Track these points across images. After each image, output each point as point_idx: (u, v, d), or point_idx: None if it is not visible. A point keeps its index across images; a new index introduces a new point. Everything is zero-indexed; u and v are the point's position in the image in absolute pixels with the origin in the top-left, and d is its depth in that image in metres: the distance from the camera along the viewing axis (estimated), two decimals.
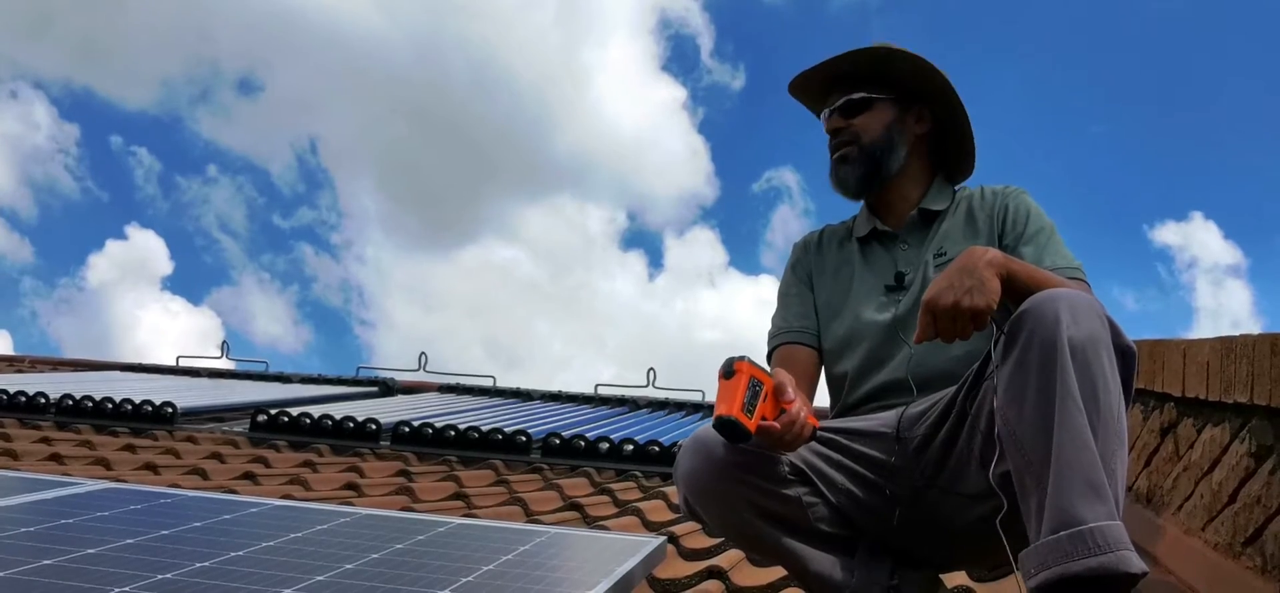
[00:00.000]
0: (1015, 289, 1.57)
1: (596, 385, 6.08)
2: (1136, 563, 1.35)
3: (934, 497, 1.72)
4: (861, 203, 2.04)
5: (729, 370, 1.55)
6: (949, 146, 2.01)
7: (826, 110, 1.99)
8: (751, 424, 1.54)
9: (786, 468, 1.70)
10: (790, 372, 1.79)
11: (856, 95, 1.95)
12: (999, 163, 2.07)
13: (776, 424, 1.57)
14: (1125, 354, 1.49)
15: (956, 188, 2.01)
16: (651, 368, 5.95)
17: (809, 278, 2.03)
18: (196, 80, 18.53)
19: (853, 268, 1.98)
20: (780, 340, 1.99)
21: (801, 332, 1.98)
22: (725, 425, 1.55)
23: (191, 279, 17.60)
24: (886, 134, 1.94)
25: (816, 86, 2.01)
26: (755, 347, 2.20)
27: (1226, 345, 1.86)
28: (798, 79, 2.01)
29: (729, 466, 1.67)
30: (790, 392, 1.60)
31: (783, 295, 2.06)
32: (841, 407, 1.93)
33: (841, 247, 2.03)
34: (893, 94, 1.95)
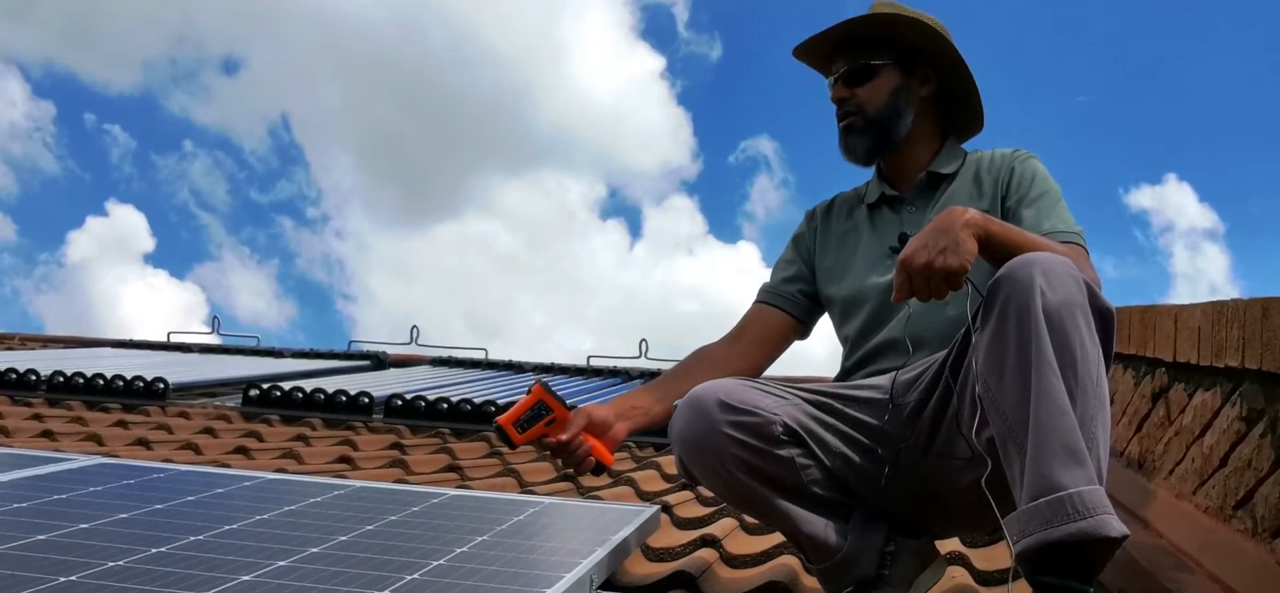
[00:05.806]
0: (994, 251, 1.57)
1: (588, 357, 6.08)
2: (1117, 526, 1.36)
3: (931, 462, 1.72)
4: (872, 169, 2.04)
5: (529, 387, 1.89)
6: (955, 106, 2.00)
7: (831, 79, 1.97)
8: (518, 440, 1.86)
9: (780, 428, 1.70)
10: (760, 329, 2.00)
11: (859, 64, 1.92)
12: (984, 132, 2.06)
13: (547, 438, 1.85)
14: (1104, 316, 1.50)
15: (968, 150, 2.00)
16: (644, 339, 5.97)
17: (810, 252, 2.06)
18: (180, 63, 18.34)
19: (859, 233, 1.99)
20: (762, 298, 2.06)
21: (784, 298, 2.04)
22: (498, 429, 1.86)
23: (173, 254, 17.47)
24: (892, 101, 1.92)
25: (821, 51, 1.99)
26: (734, 312, 2.29)
27: (1217, 310, 1.87)
28: (801, 46, 1.98)
29: (722, 423, 1.68)
30: (571, 432, 1.84)
31: (781, 259, 2.11)
32: (843, 368, 1.95)
33: (851, 213, 2.04)
34: (897, 58, 1.92)
